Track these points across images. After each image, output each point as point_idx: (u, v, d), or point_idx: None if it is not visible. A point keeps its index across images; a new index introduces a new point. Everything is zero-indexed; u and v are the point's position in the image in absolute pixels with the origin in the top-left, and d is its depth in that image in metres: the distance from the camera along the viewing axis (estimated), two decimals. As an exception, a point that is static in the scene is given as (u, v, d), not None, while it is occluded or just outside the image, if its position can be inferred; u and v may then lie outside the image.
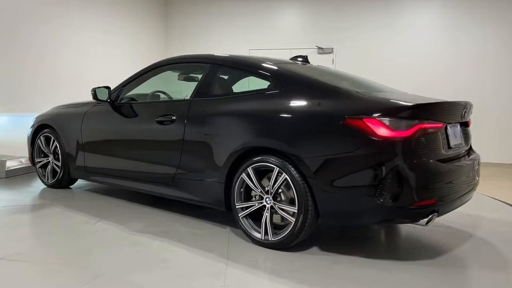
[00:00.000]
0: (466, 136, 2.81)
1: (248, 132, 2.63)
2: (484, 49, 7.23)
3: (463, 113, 2.64)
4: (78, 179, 4.08)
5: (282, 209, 2.47)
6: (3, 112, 5.30)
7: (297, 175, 2.37)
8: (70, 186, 4.15)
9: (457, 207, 2.53)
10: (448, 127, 2.49)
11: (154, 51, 8.27)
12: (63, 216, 3.22)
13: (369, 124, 2.20)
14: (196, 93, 3.03)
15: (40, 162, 4.13)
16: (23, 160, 4.87)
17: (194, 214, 3.23)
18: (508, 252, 2.65)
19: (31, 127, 4.23)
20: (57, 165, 3.97)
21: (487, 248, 2.72)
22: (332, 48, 7.84)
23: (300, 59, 3.46)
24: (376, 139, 2.18)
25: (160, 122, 3.05)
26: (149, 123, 3.14)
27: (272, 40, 8.08)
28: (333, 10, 7.84)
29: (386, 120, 2.20)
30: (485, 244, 2.79)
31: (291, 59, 3.50)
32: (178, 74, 3.59)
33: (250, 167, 2.56)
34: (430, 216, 2.22)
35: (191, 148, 2.89)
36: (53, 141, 3.96)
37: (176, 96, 3.78)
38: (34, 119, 4.25)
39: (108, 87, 3.49)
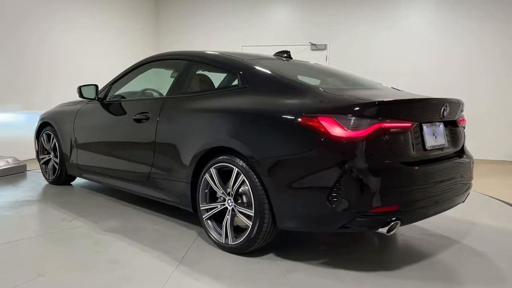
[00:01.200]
0: (454, 136, 2.57)
1: (210, 131, 2.58)
2: (482, 40, 7.04)
3: (442, 111, 2.37)
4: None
5: (242, 212, 2.38)
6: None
7: (254, 177, 2.28)
8: (71, 183, 4.24)
9: (435, 214, 2.37)
10: (424, 126, 2.29)
11: (145, 48, 8.27)
12: (44, 213, 3.29)
13: (323, 123, 2.07)
14: (171, 90, 3.03)
15: (43, 158, 4.27)
16: (9, 160, 4.92)
17: (175, 214, 3.20)
18: (502, 265, 2.38)
19: (36, 125, 4.37)
20: (56, 162, 4.07)
21: (477, 261, 2.48)
22: (325, 45, 7.72)
23: (285, 55, 3.39)
24: (331, 139, 2.05)
25: (137, 120, 3.06)
26: (128, 121, 3.16)
27: (264, 36, 8.00)
28: (327, 6, 7.72)
29: (341, 119, 2.05)
30: (475, 255, 2.54)
31: (274, 55, 3.42)
32: (171, 71, 3.53)
33: (212, 168, 2.50)
34: (391, 224, 2.06)
35: (162, 147, 2.87)
36: (52, 139, 4.08)
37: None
38: (39, 117, 4.39)
39: (95, 85, 3.52)
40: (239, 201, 2.43)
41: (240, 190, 2.41)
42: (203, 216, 2.59)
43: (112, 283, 2.08)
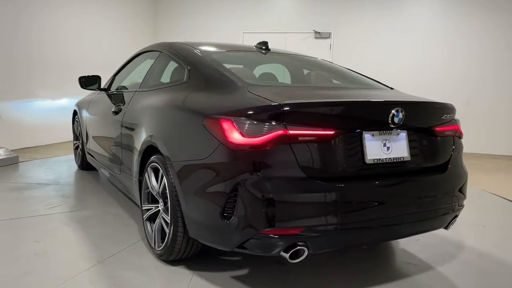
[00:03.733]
0: (427, 148, 2.06)
1: (148, 129, 2.40)
2: (491, 31, 6.78)
3: (392, 116, 1.87)
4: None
5: (163, 217, 2.18)
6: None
7: (172, 180, 2.05)
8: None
9: (375, 242, 2.13)
10: (367, 135, 1.87)
11: (143, 34, 8.05)
12: (33, 199, 3.34)
13: (224, 126, 1.77)
14: (142, 83, 2.93)
15: (75, 144, 4.57)
16: (1, 151, 4.77)
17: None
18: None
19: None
20: (80, 148, 4.30)
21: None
22: (329, 33, 7.46)
23: (263, 46, 2.96)
24: (227, 145, 1.74)
25: (115, 113, 3.04)
26: (110, 113, 3.14)
27: (266, 23, 7.76)
28: (332, -8, 7.44)
29: (239, 123, 1.73)
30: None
31: (255, 46, 3.07)
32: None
33: (149, 167, 2.32)
34: (292, 251, 1.72)
35: (125, 141, 2.80)
36: (78, 126, 4.30)
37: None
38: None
39: (97, 76, 3.50)
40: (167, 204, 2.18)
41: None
42: (143, 217, 2.42)
43: (21, 275, 2.04)
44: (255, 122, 1.72)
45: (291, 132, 1.69)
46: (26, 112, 5.81)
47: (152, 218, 2.36)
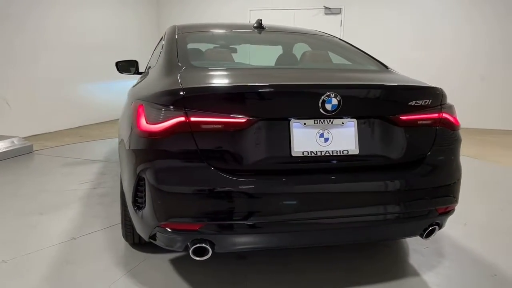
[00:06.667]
0: (386, 140, 1.73)
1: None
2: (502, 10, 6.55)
3: (321, 102, 1.60)
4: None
5: None
6: None
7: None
8: None
9: (306, 246, 1.97)
10: (295, 123, 1.63)
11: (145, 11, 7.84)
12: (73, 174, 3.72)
13: (138, 111, 1.68)
14: (149, 68, 2.85)
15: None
16: (15, 140, 4.73)
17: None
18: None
19: None
20: None
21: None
22: (340, 8, 7.22)
23: (255, 25, 2.72)
24: (136, 132, 1.66)
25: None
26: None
27: (274, -1, 7.50)
28: (342, -35, 7.16)
29: (147, 108, 1.64)
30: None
31: (254, 24, 2.85)
32: None
33: None
34: (194, 247, 1.59)
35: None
36: None
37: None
38: None
39: (135, 61, 3.43)
40: None
41: None
42: None
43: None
44: (158, 108, 1.59)
45: (192, 119, 1.54)
46: (34, 97, 5.74)
47: None
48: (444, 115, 1.80)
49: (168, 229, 1.60)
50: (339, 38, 2.80)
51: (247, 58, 2.86)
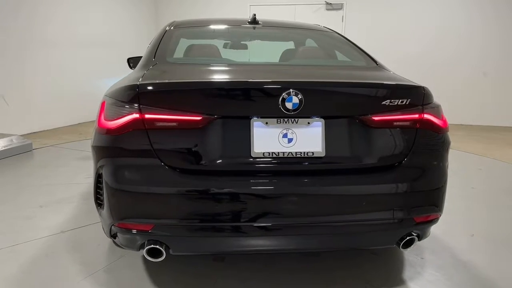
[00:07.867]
0: (359, 142, 1.62)
1: None
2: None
3: (281, 101, 1.52)
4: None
5: None
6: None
7: None
8: None
9: (268, 252, 1.91)
10: (256, 123, 1.56)
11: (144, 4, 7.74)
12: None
13: (101, 107, 1.68)
14: None
15: None
16: (13, 139, 4.66)
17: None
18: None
19: None
20: None
21: None
22: (341, 4, 7.15)
23: (249, 20, 2.69)
24: (97, 128, 1.65)
25: None
26: None
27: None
28: (344, -41, 7.07)
29: (107, 105, 1.62)
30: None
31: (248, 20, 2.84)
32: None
33: None
34: (148, 248, 1.56)
35: None
36: None
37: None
38: None
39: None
40: None
41: None
42: None
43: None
44: (116, 105, 1.57)
45: (147, 116, 1.51)
46: (30, 95, 5.67)
47: None
48: (426, 116, 1.66)
49: (124, 229, 1.58)
50: (337, 33, 2.71)
51: (241, 53, 2.79)
